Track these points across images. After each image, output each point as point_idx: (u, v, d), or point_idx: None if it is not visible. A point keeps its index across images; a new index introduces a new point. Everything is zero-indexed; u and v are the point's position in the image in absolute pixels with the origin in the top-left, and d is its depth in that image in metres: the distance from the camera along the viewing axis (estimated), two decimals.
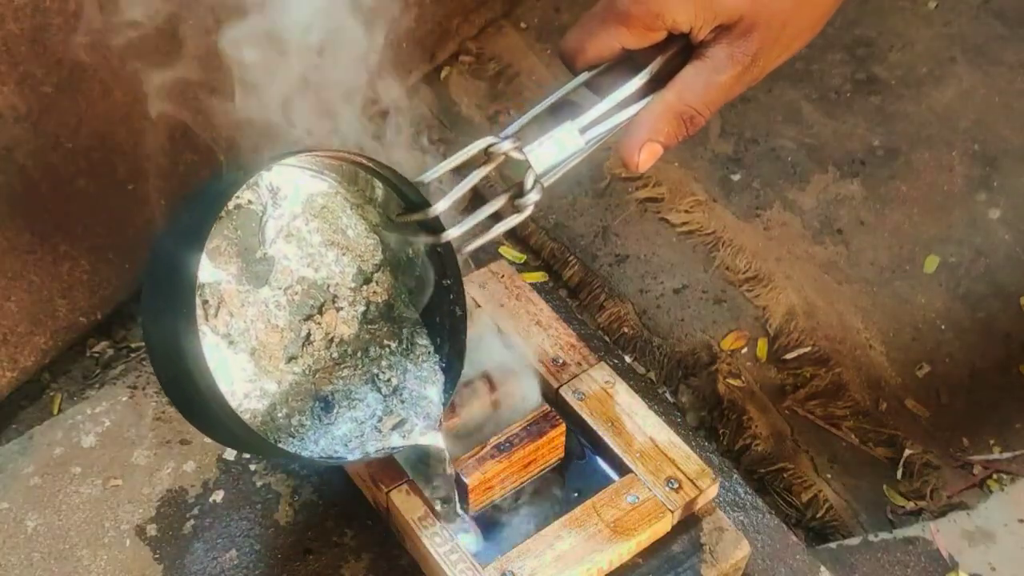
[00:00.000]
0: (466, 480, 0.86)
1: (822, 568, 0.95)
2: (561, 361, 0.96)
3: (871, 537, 1.02)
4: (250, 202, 0.79)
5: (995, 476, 1.10)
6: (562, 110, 0.76)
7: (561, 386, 0.94)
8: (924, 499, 1.09)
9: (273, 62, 0.79)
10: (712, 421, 1.15)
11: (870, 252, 1.29)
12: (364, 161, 0.76)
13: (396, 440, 0.80)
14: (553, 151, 0.74)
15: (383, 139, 0.91)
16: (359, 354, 0.83)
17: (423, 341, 0.84)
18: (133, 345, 1.16)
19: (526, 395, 0.92)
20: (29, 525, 0.94)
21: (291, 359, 0.80)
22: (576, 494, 0.90)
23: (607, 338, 1.17)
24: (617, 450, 0.90)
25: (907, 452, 1.12)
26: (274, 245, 0.79)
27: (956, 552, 1.00)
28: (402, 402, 0.82)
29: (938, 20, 1.55)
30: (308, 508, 0.95)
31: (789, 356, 1.19)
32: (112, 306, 1.14)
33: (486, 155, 0.73)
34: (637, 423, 0.92)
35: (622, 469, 0.90)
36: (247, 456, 0.99)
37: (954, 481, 1.10)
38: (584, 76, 0.76)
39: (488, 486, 0.88)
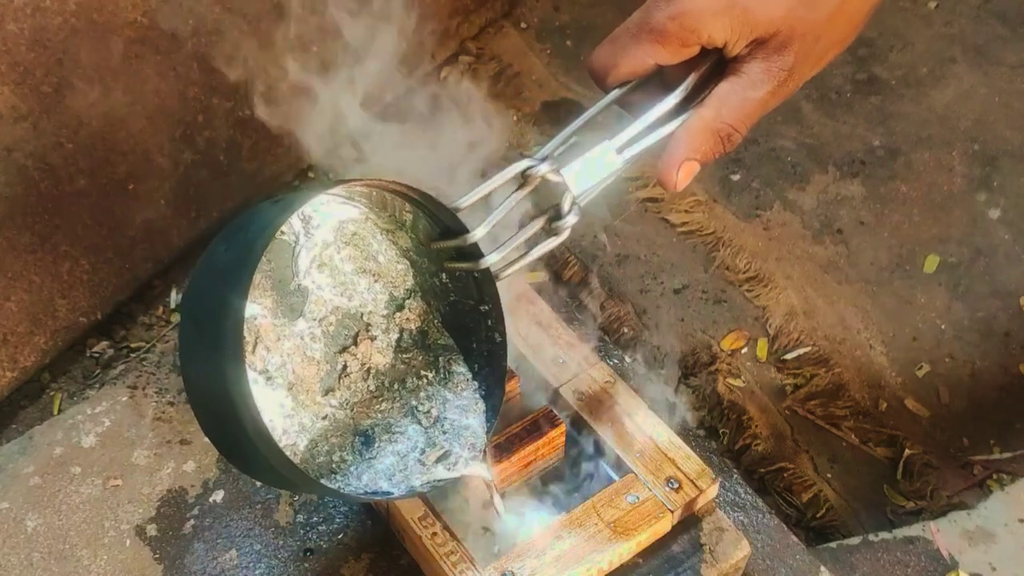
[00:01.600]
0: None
1: (822, 568, 0.95)
2: (561, 361, 0.95)
3: (871, 537, 1.02)
4: (282, 233, 0.77)
5: (995, 476, 1.10)
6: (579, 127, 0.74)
7: (561, 386, 0.94)
8: (924, 499, 1.09)
9: None
10: (712, 421, 1.15)
11: (870, 252, 1.29)
12: (401, 188, 0.74)
13: (441, 473, 0.78)
14: (590, 172, 0.72)
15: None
16: (396, 386, 0.81)
17: (460, 368, 0.82)
18: (133, 345, 1.16)
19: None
20: (29, 525, 0.94)
21: (328, 392, 0.79)
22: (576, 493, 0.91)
23: (607, 338, 1.17)
24: (617, 450, 0.90)
25: (907, 452, 1.12)
26: (308, 275, 0.78)
27: (956, 552, 1.00)
28: (444, 433, 0.80)
29: (938, 20, 1.55)
30: (308, 508, 0.95)
31: (789, 356, 1.19)
32: (112, 306, 1.14)
33: (523, 178, 0.71)
34: (637, 423, 0.92)
35: (622, 469, 0.90)
36: None
37: (954, 481, 1.11)
38: (615, 93, 0.73)
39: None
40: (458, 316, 0.82)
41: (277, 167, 1.25)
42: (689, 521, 0.89)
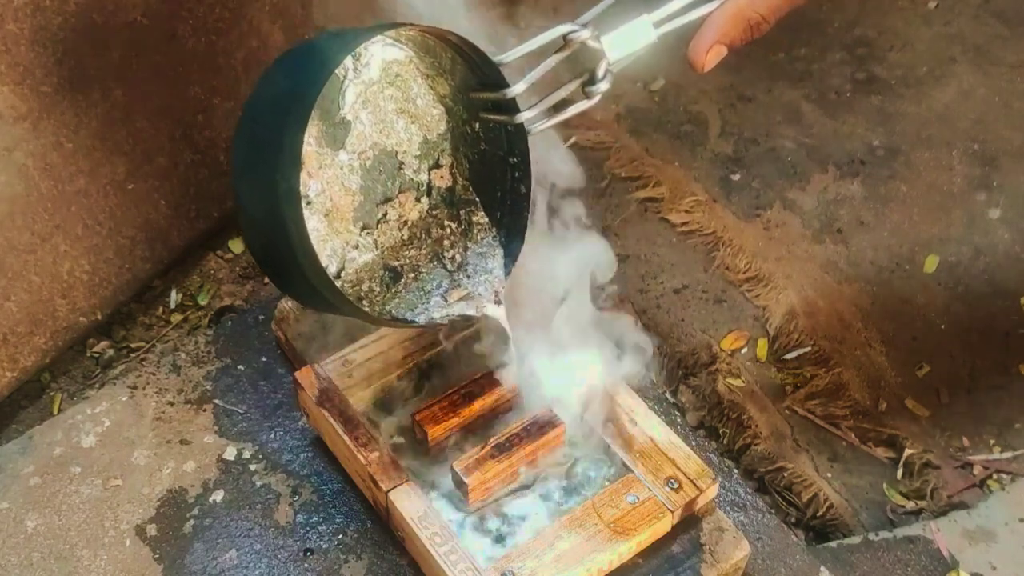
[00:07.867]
0: (466, 480, 0.86)
1: (822, 568, 0.95)
2: None
3: (872, 536, 1.02)
4: None
5: (995, 476, 1.10)
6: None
7: None
8: (924, 498, 1.09)
9: None
10: (712, 421, 1.15)
11: (870, 252, 1.29)
12: (453, 38, 0.78)
13: (461, 308, 0.84)
14: (626, 42, 0.76)
15: None
16: (423, 235, 0.86)
17: (480, 219, 0.87)
18: (133, 345, 1.16)
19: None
20: (29, 525, 0.94)
21: (363, 228, 0.84)
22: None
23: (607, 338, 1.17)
24: (617, 450, 0.90)
25: (907, 452, 1.12)
26: (352, 110, 0.81)
27: (957, 551, 1.00)
28: (467, 277, 0.86)
29: (938, 20, 1.56)
30: (308, 508, 0.95)
31: (789, 356, 1.19)
32: (112, 306, 1.14)
33: (563, 41, 0.76)
34: (637, 423, 0.92)
35: (622, 469, 0.90)
36: (247, 456, 0.99)
37: (954, 481, 1.10)
38: None
39: (488, 486, 0.88)
40: (486, 166, 0.87)
41: None
42: (689, 521, 0.89)
